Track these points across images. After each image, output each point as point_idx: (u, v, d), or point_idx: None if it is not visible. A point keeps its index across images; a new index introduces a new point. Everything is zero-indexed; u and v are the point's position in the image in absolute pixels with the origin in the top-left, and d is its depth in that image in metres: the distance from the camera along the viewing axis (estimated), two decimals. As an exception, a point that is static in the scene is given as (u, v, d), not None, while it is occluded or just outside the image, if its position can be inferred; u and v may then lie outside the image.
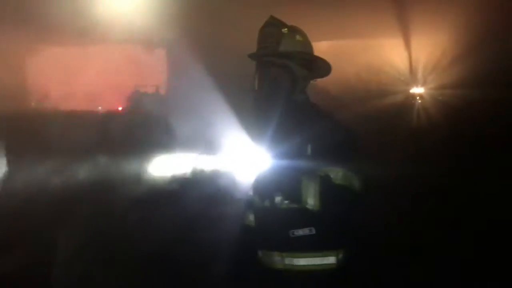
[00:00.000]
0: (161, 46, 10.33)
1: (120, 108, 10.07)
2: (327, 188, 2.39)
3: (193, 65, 8.73)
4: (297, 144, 2.50)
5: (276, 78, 2.59)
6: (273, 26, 2.62)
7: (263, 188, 2.59)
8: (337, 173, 2.42)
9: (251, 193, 2.71)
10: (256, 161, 2.57)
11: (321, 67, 2.72)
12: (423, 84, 10.33)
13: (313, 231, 2.49)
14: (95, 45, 9.43)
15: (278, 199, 2.53)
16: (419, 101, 10.41)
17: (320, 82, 2.82)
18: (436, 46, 9.87)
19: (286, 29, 2.61)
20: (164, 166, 6.35)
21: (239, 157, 2.71)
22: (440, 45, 9.81)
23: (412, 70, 10.36)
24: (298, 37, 2.63)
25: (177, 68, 9.84)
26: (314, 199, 2.38)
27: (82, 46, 9.58)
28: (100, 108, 10.19)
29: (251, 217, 2.73)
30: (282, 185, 2.48)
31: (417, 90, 10.50)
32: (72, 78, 9.79)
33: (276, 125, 2.54)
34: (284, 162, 2.48)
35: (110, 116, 9.34)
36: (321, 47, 9.30)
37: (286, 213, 2.52)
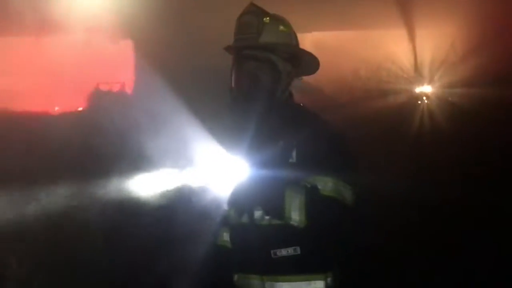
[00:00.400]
0: (128, 37, 10.29)
1: (80, 109, 10.01)
2: (314, 201, 2.39)
3: (165, 60, 8.73)
4: (280, 150, 2.50)
5: (257, 74, 2.60)
6: (253, 15, 2.62)
7: (240, 202, 2.59)
8: (325, 184, 2.42)
9: (226, 207, 2.71)
10: (232, 170, 2.57)
11: (308, 62, 2.73)
12: (430, 82, 10.38)
13: (298, 251, 2.49)
14: (50, 35, 9.36)
15: (257, 214, 2.53)
16: (425, 102, 10.45)
17: (313, 79, 2.84)
18: (445, 39, 9.93)
19: (267, 18, 2.61)
20: (126, 180, 6.37)
21: (213, 167, 2.71)
22: (450, 37, 9.88)
23: (417, 66, 10.39)
24: (281, 27, 2.64)
25: (146, 63, 9.82)
26: (299, 213, 2.38)
27: (35, 36, 9.51)
28: (56, 108, 10.11)
29: (226, 235, 2.73)
30: (262, 198, 2.47)
31: (423, 89, 10.54)
32: (22, 74, 9.71)
33: (256, 128, 2.54)
34: (264, 171, 2.47)
35: (68, 118, 9.30)
36: (312, 39, 9.42)
37: (266, 230, 2.52)
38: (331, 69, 9.19)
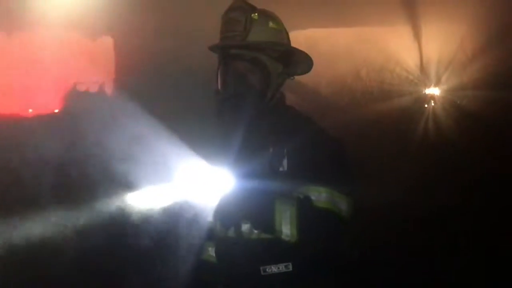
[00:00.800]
0: (107, 34, 10.29)
1: (56, 111, 9.99)
2: (306, 213, 2.37)
3: (147, 58, 8.73)
4: (270, 158, 2.50)
5: (244, 75, 2.59)
6: (240, 11, 2.61)
7: (227, 214, 2.58)
8: (319, 194, 2.41)
9: (212, 220, 2.70)
10: (218, 179, 2.55)
11: (299, 61, 2.72)
12: (437, 84, 10.40)
13: (290, 268, 2.48)
14: (24, 30, 9.36)
15: (245, 227, 2.52)
16: (432, 105, 10.47)
17: (310, 80, 2.84)
18: (453, 37, 9.96)
19: (256, 14, 2.60)
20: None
21: (198, 176, 2.70)
22: (458, 36, 9.91)
23: (423, 66, 10.42)
24: (271, 24, 2.64)
25: (127, 62, 9.81)
26: (291, 227, 2.36)
27: (6, 31, 9.50)
28: (30, 110, 10.10)
29: (211, 250, 2.72)
30: (251, 210, 2.46)
31: (430, 91, 10.56)
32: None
33: (243, 134, 2.53)
34: (252, 181, 2.46)
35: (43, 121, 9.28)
36: (308, 37, 9.44)
37: (255, 244, 2.51)
38: (329, 69, 9.24)
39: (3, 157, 7.15)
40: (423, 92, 10.48)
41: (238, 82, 2.59)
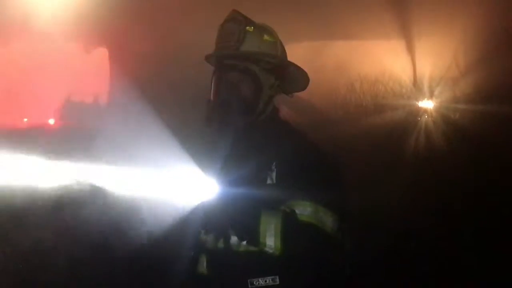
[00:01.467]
0: (102, 44, 10.31)
1: (51, 122, 9.99)
2: (291, 227, 2.38)
3: (142, 69, 8.74)
4: (258, 170, 2.51)
5: (236, 85, 2.61)
6: (235, 22, 2.64)
7: (214, 225, 2.59)
8: (304, 208, 2.41)
9: (202, 231, 2.70)
10: (207, 190, 2.55)
11: (295, 76, 2.75)
12: (430, 97, 10.42)
13: (277, 281, 2.48)
14: (19, 41, 9.37)
15: (234, 239, 2.52)
16: (426, 118, 10.47)
17: (304, 93, 2.85)
18: (446, 51, 9.99)
19: (251, 26, 2.63)
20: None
21: (188, 186, 2.70)
22: (451, 50, 9.94)
23: (416, 79, 10.45)
24: (265, 36, 2.66)
25: (122, 73, 9.82)
26: (275, 240, 2.36)
27: (2, 42, 9.51)
28: (25, 120, 10.09)
29: (202, 261, 2.72)
30: (236, 221, 2.47)
31: (423, 104, 10.57)
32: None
33: (233, 145, 2.55)
34: (240, 192, 2.47)
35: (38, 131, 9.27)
36: (302, 49, 9.46)
37: (244, 257, 2.51)
38: (323, 82, 9.25)
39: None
40: (416, 105, 10.49)
41: (228, 92, 2.63)
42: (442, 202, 7.20)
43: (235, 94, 2.60)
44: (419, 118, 10.35)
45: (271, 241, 2.37)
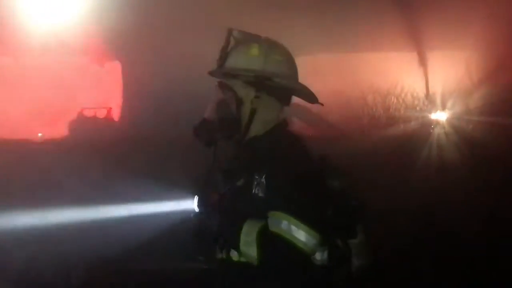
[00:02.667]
0: (115, 58, 10.35)
1: (65, 135, 10.02)
2: (265, 238, 2.42)
3: (155, 83, 8.77)
4: (245, 182, 2.55)
5: (221, 102, 2.68)
6: (225, 40, 2.75)
7: (205, 235, 2.65)
8: (278, 221, 2.44)
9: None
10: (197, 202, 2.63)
11: (304, 93, 2.80)
12: (443, 109, 10.39)
13: None
14: (31, 55, 9.43)
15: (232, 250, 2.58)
16: (439, 131, 10.45)
17: (315, 106, 2.87)
18: (459, 63, 9.98)
19: (239, 43, 2.76)
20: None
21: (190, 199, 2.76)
22: (464, 61, 9.93)
23: (428, 92, 10.43)
24: (252, 51, 2.71)
25: (135, 86, 9.85)
26: (252, 250, 2.42)
27: (15, 56, 9.57)
28: (40, 135, 10.13)
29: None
30: (224, 230, 2.55)
31: (436, 116, 10.54)
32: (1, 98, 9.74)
33: (220, 159, 2.61)
34: (226, 203, 2.55)
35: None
36: (316, 62, 9.48)
37: (240, 267, 2.58)
38: (334, 95, 9.26)
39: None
40: (429, 117, 10.47)
41: (215, 109, 2.69)
42: (455, 214, 7.18)
43: (220, 111, 2.65)
44: (431, 130, 10.33)
45: (249, 251, 2.42)
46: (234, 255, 2.56)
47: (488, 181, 7.77)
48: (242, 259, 2.52)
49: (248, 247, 2.39)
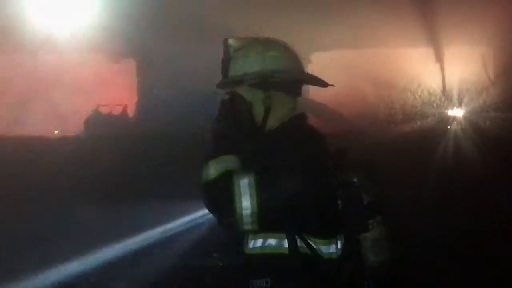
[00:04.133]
0: (130, 57, 10.38)
1: (80, 132, 10.07)
2: (268, 184, 2.43)
3: (169, 81, 8.79)
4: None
5: (228, 109, 2.70)
6: (224, 53, 2.77)
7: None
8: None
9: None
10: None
11: (312, 80, 2.81)
12: (460, 105, 10.35)
13: (269, 284, 2.52)
14: (48, 54, 9.47)
15: (244, 240, 2.59)
16: (456, 127, 10.40)
17: (331, 103, 2.89)
18: (476, 58, 9.94)
19: (236, 51, 2.75)
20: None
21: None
22: (481, 57, 9.89)
23: (445, 88, 10.39)
24: (251, 55, 2.74)
25: (149, 85, 9.88)
26: (251, 199, 2.41)
27: (31, 55, 9.61)
28: (56, 132, 10.18)
29: None
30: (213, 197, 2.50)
31: (453, 112, 10.50)
32: (19, 96, 9.81)
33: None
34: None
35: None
36: (330, 58, 9.48)
37: (248, 258, 2.57)
38: (351, 90, 9.24)
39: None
40: (446, 113, 10.43)
41: (220, 116, 2.69)
42: (471, 210, 7.14)
43: (225, 119, 2.67)
44: (448, 126, 10.29)
45: (246, 202, 2.40)
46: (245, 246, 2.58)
47: (505, 176, 7.73)
48: (248, 251, 2.56)
49: (246, 199, 2.39)
